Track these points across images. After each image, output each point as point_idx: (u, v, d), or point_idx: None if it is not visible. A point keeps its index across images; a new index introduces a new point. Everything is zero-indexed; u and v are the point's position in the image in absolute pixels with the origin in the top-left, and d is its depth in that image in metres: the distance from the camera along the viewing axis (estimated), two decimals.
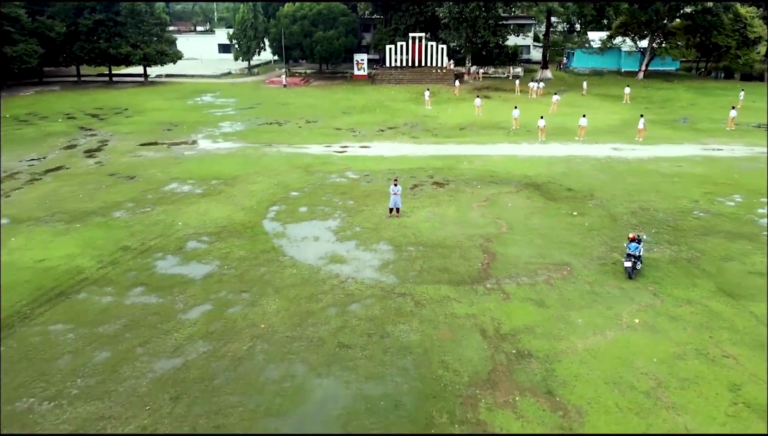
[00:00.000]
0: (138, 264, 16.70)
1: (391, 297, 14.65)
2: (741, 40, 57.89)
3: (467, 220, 20.22)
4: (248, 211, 21.09)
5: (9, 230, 19.29)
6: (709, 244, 18.02)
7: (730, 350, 12.41)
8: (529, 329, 13.16)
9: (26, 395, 11.03)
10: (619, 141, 32.48)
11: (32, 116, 40.56)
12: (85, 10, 54.21)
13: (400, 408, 10.61)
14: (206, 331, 13.18)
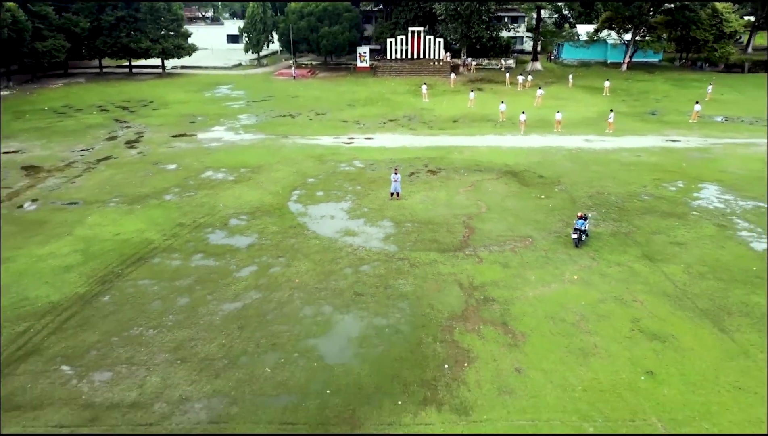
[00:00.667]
0: (194, 237, 21.19)
1: (393, 261, 19.17)
2: (717, 34, 61.78)
3: (454, 202, 24.68)
4: (275, 195, 25.54)
5: (84, 210, 23.76)
6: (645, 221, 22.49)
7: (639, 296, 16.96)
8: (494, 283, 17.70)
9: (135, 326, 15.59)
10: (592, 133, 36.76)
11: (69, 108, 44.73)
12: (108, 7, 58.03)
13: (398, 333, 15.16)
14: (256, 284, 17.72)
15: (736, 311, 16.19)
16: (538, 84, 53.53)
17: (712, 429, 11.83)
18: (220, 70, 65.50)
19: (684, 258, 19.38)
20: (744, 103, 46.14)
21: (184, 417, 12.24)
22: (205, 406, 12.56)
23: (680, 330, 15.26)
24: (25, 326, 15.53)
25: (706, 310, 16.23)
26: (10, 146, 33.91)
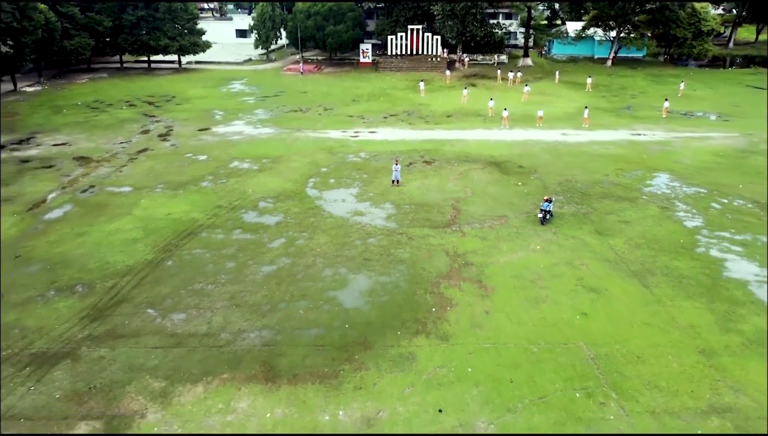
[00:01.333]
0: (231, 216, 25.79)
1: (393, 235, 23.77)
2: (696, 32, 65.92)
3: (445, 188, 29.23)
4: (294, 182, 30.10)
5: (136, 195, 28.34)
6: (602, 204, 27.07)
7: (586, 261, 21.58)
8: (474, 252, 22.31)
9: (196, 282, 20.23)
10: (569, 127, 41.20)
11: (100, 103, 49.10)
12: (129, 8, 62.08)
13: (398, 287, 19.80)
14: (286, 252, 22.34)
15: (659, 272, 20.83)
16: (527, 79, 57.86)
17: (621, 350, 16.49)
18: (231, 65, 69.65)
19: (627, 233, 24.00)
20: (712, 99, 50.50)
21: (244, 342, 16.92)
22: (258, 335, 17.23)
23: (612, 285, 19.91)
24: (112, 282, 20.19)
25: (636, 271, 20.88)
26: (57, 139, 38.41)
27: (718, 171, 31.65)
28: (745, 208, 26.49)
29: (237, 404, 14.42)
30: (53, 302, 19.03)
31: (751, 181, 29.94)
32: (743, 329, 17.50)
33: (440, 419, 13.95)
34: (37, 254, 22.31)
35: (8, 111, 46.41)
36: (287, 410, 14.23)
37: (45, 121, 43.35)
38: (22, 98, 51.29)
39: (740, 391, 14.87)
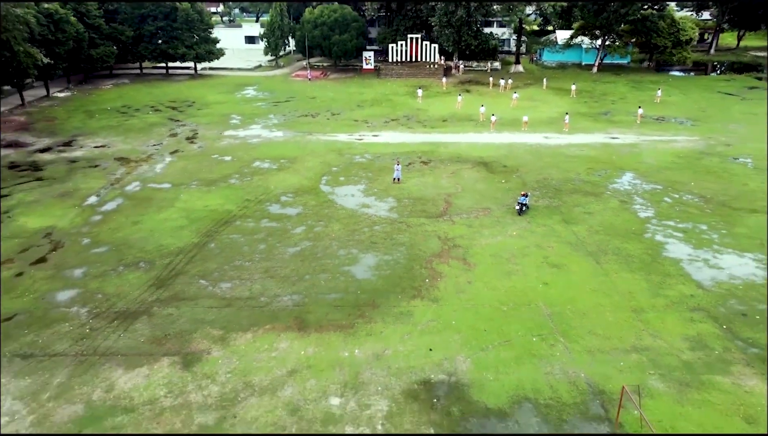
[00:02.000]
0: (259, 208, 30.52)
1: (395, 223, 28.50)
2: (675, 41, 70.59)
3: (439, 185, 33.95)
4: (309, 179, 34.81)
5: (175, 190, 33.05)
6: (572, 198, 31.79)
7: (552, 244, 26.30)
8: (461, 236, 27.04)
9: (236, 260, 24.95)
10: (551, 131, 45.87)
11: (128, 108, 53.80)
12: (149, 18, 66.72)
13: (399, 264, 24.50)
14: (306, 237, 27.06)
15: (610, 252, 25.56)
16: (517, 86, 62.56)
17: (571, 308, 21.20)
18: (243, 71, 74.30)
19: (589, 222, 28.73)
20: (684, 105, 55.15)
21: (279, 303, 21.64)
22: (290, 298, 21.96)
23: (571, 262, 24.65)
24: (168, 260, 24.93)
25: (592, 251, 25.62)
26: (97, 142, 43.13)
27: (675, 170, 36.37)
28: (691, 202, 31.23)
29: (278, 345, 19.16)
30: (124, 275, 23.78)
31: (701, 179, 34.67)
32: (669, 294, 22.25)
33: (431, 355, 18.69)
34: (102, 238, 27.05)
35: (46, 115, 51.12)
36: (316, 349, 18.97)
37: (82, 125, 48.04)
38: (55, 103, 55.98)
39: (657, 337, 19.61)
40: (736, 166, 37.33)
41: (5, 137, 44.11)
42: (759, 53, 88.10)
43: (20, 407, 16.48)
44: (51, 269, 24.23)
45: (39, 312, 21.14)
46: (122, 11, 65.91)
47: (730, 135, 44.47)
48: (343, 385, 17.25)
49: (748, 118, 49.97)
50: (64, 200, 31.68)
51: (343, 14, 68.92)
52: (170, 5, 65.69)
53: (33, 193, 32.79)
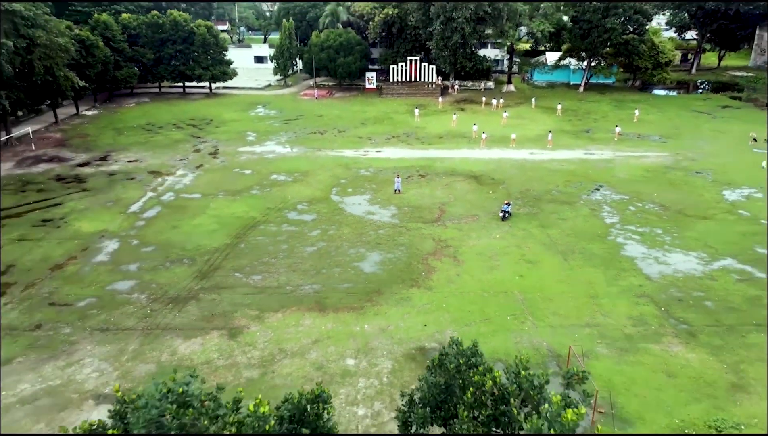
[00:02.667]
0: (279, 215, 35.34)
1: (396, 228, 33.31)
2: (655, 63, 75.86)
3: (434, 195, 38.79)
4: (321, 190, 39.67)
5: (205, 200, 37.87)
6: (549, 207, 36.61)
7: (529, 245, 31.09)
8: (452, 238, 31.84)
9: (263, 257, 29.73)
10: (537, 148, 50.78)
11: (152, 126, 58.81)
12: (168, 42, 71.96)
13: (399, 260, 29.28)
14: (321, 238, 31.85)
15: (577, 251, 30.34)
16: (508, 105, 67.66)
17: (540, 295, 25.93)
18: (254, 90, 79.47)
19: (562, 227, 33.54)
20: (660, 123, 60.14)
21: (302, 291, 26.38)
22: (310, 287, 26.69)
23: (543, 259, 29.42)
24: (207, 257, 29.70)
25: (562, 251, 30.40)
26: (129, 157, 48.06)
27: (642, 183, 41.26)
28: (652, 210, 36.08)
29: (303, 322, 23.90)
30: (172, 269, 28.56)
31: (663, 190, 39.54)
32: (621, 284, 27.03)
33: (425, 329, 23.40)
34: (148, 240, 31.86)
35: (79, 132, 56.13)
36: (334, 325, 23.69)
37: (113, 141, 53.01)
38: (85, 121, 61.03)
39: (607, 316, 24.35)
40: (697, 179, 42.23)
41: (47, 152, 49.06)
42: (737, 73, 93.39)
43: (106, 366, 21.19)
44: (110, 265, 29.03)
45: (107, 298, 25.91)
46: (144, 35, 71.08)
47: (697, 151, 49.42)
48: (357, 350, 21.98)
49: (716, 136, 54.97)
50: (110, 208, 36.52)
51: (347, 38, 74.23)
52: (188, 30, 70.94)
53: (82, 202, 37.64)
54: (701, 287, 26.81)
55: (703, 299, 25.69)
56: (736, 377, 20.57)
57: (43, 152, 49.23)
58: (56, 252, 30.32)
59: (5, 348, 22.25)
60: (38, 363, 21.42)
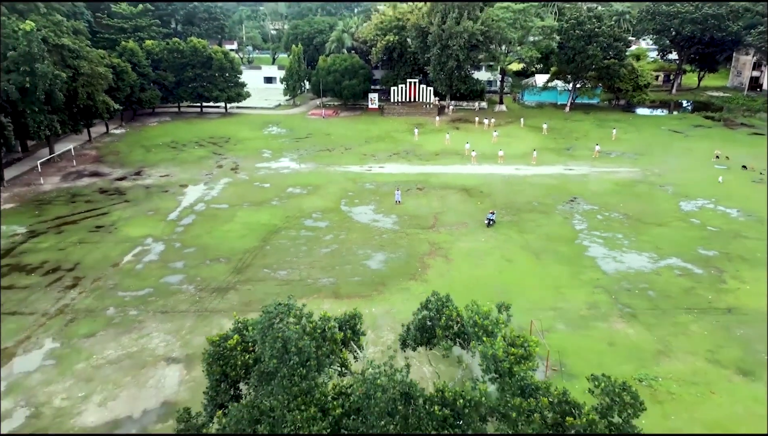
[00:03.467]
0: (297, 222, 41.23)
1: (397, 233, 39.19)
2: (635, 85, 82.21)
3: (430, 205, 44.70)
4: (332, 201, 45.58)
5: (232, 209, 43.76)
6: (528, 216, 42.50)
7: (509, 247, 36.94)
8: (444, 242, 37.70)
9: (287, 257, 35.57)
10: (522, 164, 56.76)
11: (176, 143, 64.86)
12: (188, 66, 78.28)
13: (400, 259, 35.10)
14: (334, 241, 37.71)
15: (548, 252, 36.17)
16: (499, 124, 73.81)
17: (514, 286, 31.69)
18: (266, 110, 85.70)
19: (538, 232, 39.39)
20: (635, 141, 66.15)
21: (320, 283, 32.18)
22: (327, 280, 32.50)
23: (520, 258, 35.25)
24: (240, 256, 35.54)
25: (535, 251, 36.24)
26: (160, 172, 54.04)
27: (611, 195, 47.20)
28: (616, 218, 41.99)
29: (323, 306, 29.63)
30: (211, 266, 34.39)
31: (629, 202, 45.45)
32: (582, 278, 32.84)
33: None
34: (188, 242, 37.72)
35: (111, 150, 62.22)
36: (347, 308, 29.32)
37: (143, 157, 59.05)
38: (115, 139, 67.14)
39: (567, 302, 30.13)
40: (659, 191, 48.19)
41: (86, 168, 55.10)
42: (715, 93, 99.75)
43: (170, 338, 26.95)
44: (160, 263, 34.87)
45: (162, 288, 31.74)
46: (165, 60, 77.39)
47: (664, 167, 55.43)
48: (367, 327, 27.68)
49: (685, 153, 61.01)
50: (151, 217, 42.42)
51: (352, 63, 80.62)
52: (207, 55, 77.33)
53: (126, 211, 43.56)
54: (647, 280, 32.64)
55: (647, 290, 31.52)
56: (662, 346, 26.35)
57: (83, 168, 55.26)
58: (113, 252, 36.19)
59: (88, 326, 28.05)
60: (117, 336, 27.21)
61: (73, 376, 24.35)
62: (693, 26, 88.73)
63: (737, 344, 26.45)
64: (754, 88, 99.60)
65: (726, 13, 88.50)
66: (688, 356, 25.58)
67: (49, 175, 52.50)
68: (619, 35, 77.16)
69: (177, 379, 24.18)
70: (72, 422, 21.73)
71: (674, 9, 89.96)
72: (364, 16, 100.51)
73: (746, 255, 35.75)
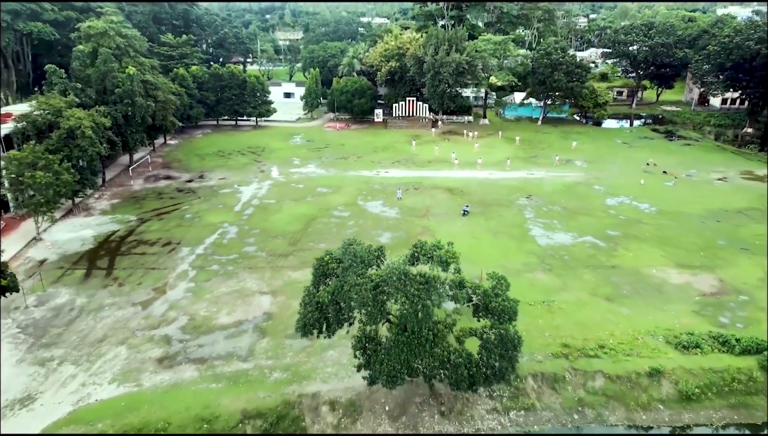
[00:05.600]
0: (327, 212, 56.82)
1: (399, 220, 54.77)
2: (595, 103, 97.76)
3: (423, 201, 60.27)
4: (350, 198, 61.15)
5: (279, 204, 59.34)
6: (493, 208, 58.04)
7: (477, 230, 52.55)
8: (432, 226, 53.29)
9: (324, 236, 51.15)
10: (496, 170, 72.25)
11: (223, 152, 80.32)
12: (226, 88, 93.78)
13: (401, 236, 50.66)
14: (355, 225, 53.29)
15: (504, 232, 51.74)
16: (482, 136, 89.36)
17: (478, 255, 47.23)
18: (289, 123, 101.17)
19: (498, 220, 54.96)
20: (589, 151, 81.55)
21: None
22: None
23: (484, 237, 50.84)
24: (291, 235, 51.12)
25: (494, 232, 51.83)
26: (218, 176, 69.55)
27: (557, 194, 62.76)
28: (556, 210, 57.56)
29: None
30: (273, 241, 49.98)
31: (569, 198, 60.98)
32: (523, 249, 48.44)
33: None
34: (253, 226, 53.29)
35: (173, 158, 77.75)
36: None
37: (200, 164, 74.59)
38: (172, 149, 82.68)
39: (510, 262, 45.69)
40: (594, 191, 63.80)
41: (160, 173, 70.68)
42: (669, 107, 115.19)
43: (259, 282, 42.52)
44: (238, 239, 50.47)
45: (244, 255, 47.35)
46: (207, 82, 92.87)
47: (604, 172, 70.99)
48: None
49: (625, 160, 76.55)
50: (222, 209, 57.99)
51: (361, 85, 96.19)
52: (242, 79, 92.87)
53: (202, 205, 59.14)
54: (566, 250, 48.26)
55: (564, 255, 47.15)
56: (563, 285, 41.96)
57: (157, 172, 70.85)
58: (204, 233, 51.80)
59: (204, 276, 43.61)
60: (224, 281, 42.83)
61: (206, 301, 40.00)
62: (646, 53, 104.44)
63: (610, 285, 42.09)
64: (702, 103, 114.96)
65: (673, 42, 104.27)
66: (577, 291, 41.23)
67: (134, 178, 68.09)
68: (580, 63, 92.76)
69: (268, 302, 39.80)
70: (214, 321, 37.37)
71: (630, 38, 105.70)
72: (371, 41, 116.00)
73: (639, 235, 51.39)
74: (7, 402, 29.97)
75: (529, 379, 32.22)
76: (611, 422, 30.35)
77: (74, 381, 31.66)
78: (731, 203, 59.37)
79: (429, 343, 27.96)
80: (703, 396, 31.08)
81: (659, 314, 38.11)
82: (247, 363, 33.34)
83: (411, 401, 31.12)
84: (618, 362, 32.89)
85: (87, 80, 60.58)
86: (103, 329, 36.58)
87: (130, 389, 31.08)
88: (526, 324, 35.93)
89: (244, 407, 29.56)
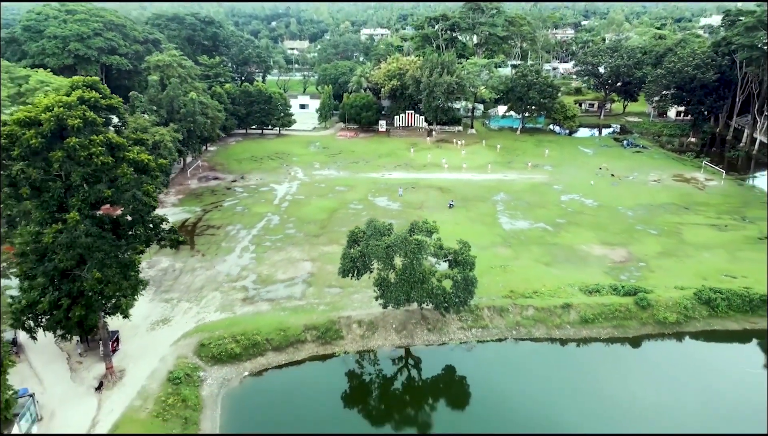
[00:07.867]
0: (345, 206, 73.53)
1: (401, 211, 71.47)
2: (564, 116, 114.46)
3: (419, 197, 76.93)
4: (363, 195, 77.83)
5: (308, 199, 76.01)
6: (473, 203, 74.75)
7: (461, 218, 69.29)
8: (426, 215, 69.86)
9: (347, 221, 67.81)
10: (478, 172, 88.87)
11: (255, 157, 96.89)
12: (254, 102, 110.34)
13: (402, 224, 67.36)
14: (367, 215, 69.67)
15: (479, 220, 68.46)
16: (468, 143, 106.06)
17: (460, 235, 63.89)
18: (306, 132, 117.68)
19: (476, 211, 71.67)
20: (556, 157, 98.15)
21: None
22: None
23: (464, 223, 67.54)
24: (320, 222, 67.83)
25: (472, 220, 68.54)
26: (256, 177, 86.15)
27: (524, 191, 79.43)
28: (520, 205, 74.30)
29: None
30: (307, 226, 66.69)
31: (532, 195, 77.67)
32: (492, 232, 65.22)
33: None
34: (290, 215, 69.98)
35: (216, 162, 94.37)
36: None
37: (239, 167, 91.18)
38: (213, 154, 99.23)
39: (482, 241, 62.39)
40: (552, 190, 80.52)
41: (208, 174, 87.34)
42: (633, 118, 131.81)
43: (302, 253, 59.28)
44: (280, 225, 67.16)
45: (288, 235, 64.05)
46: (238, 97, 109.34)
47: (564, 175, 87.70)
48: None
49: (583, 165, 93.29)
50: (263, 203, 74.64)
51: (368, 100, 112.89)
52: (268, 95, 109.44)
53: (247, 200, 75.80)
54: (523, 233, 65.04)
55: (521, 236, 63.92)
56: (516, 256, 58.71)
57: (206, 174, 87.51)
58: (254, 220, 68.49)
59: (261, 249, 60.34)
60: (276, 252, 59.53)
61: (266, 265, 56.70)
62: (610, 72, 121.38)
63: (550, 256, 58.84)
64: (661, 115, 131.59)
65: (633, 64, 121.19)
66: (526, 259, 57.95)
67: (190, 178, 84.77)
68: (551, 83, 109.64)
69: (309, 266, 56.47)
70: (275, 278, 54.05)
71: (597, 60, 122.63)
72: (375, 60, 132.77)
73: (579, 222, 68.17)
74: (154, 322, 46.68)
75: (485, 310, 49.00)
76: (536, 336, 47.13)
77: (191, 311, 48.35)
78: (656, 199, 76.26)
79: (420, 282, 44.61)
80: (596, 320, 47.85)
81: (579, 274, 54.90)
82: (301, 301, 50.08)
83: (409, 322, 47.87)
84: (544, 300, 49.69)
85: (159, 103, 77.19)
86: (200, 282, 53.28)
87: (228, 314, 47.78)
88: (488, 280, 52.76)
89: (305, 323, 46.28)
